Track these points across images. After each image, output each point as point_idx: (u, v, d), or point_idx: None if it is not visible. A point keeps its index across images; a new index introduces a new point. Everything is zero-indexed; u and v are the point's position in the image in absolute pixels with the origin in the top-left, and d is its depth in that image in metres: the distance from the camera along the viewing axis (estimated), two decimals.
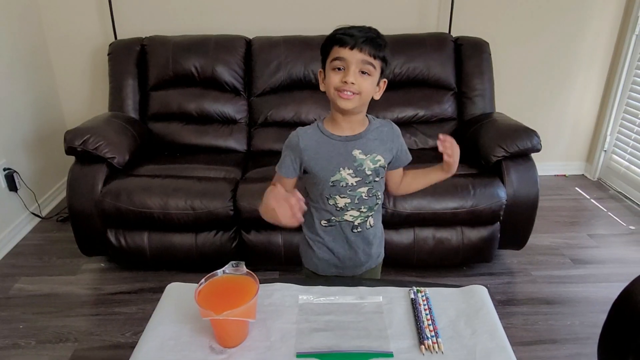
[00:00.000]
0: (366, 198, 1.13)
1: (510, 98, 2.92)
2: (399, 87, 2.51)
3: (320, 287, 1.01)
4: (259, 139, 2.49)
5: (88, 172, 2.03)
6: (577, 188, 3.05)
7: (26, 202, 2.52)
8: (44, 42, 2.74)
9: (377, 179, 1.13)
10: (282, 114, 2.48)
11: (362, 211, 1.14)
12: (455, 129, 2.51)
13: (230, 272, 0.92)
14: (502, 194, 2.02)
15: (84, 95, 2.89)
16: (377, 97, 1.08)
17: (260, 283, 0.89)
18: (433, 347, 0.84)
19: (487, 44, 2.57)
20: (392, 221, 2.00)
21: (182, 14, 2.70)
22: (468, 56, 2.54)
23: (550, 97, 3.04)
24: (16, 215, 2.46)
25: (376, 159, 1.11)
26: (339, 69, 1.03)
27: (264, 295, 0.97)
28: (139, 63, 2.50)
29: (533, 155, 2.12)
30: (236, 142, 2.48)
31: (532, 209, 2.07)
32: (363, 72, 1.02)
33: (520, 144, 2.05)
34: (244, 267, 0.91)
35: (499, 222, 2.09)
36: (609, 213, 2.72)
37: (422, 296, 0.97)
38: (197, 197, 1.98)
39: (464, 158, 2.25)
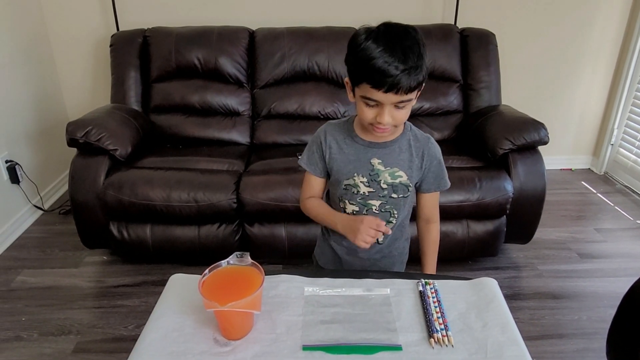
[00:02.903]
0: (377, 212, 1.06)
1: (516, 91, 2.89)
2: None
3: (326, 279, 0.99)
4: (262, 131, 2.47)
5: (90, 164, 2.01)
6: (583, 182, 3.02)
7: (28, 195, 2.51)
8: (46, 34, 2.71)
9: (394, 195, 1.05)
10: (285, 106, 2.45)
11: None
12: (461, 121, 2.48)
13: (235, 262, 0.89)
14: (508, 187, 2.00)
15: (86, 87, 2.87)
16: (414, 101, 0.99)
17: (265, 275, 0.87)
18: (443, 340, 0.82)
19: (494, 35, 2.53)
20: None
21: (185, 5, 2.67)
22: (474, 48, 2.50)
23: (557, 90, 3.01)
24: (18, 207, 2.45)
25: (397, 174, 1.03)
26: (370, 105, 0.93)
27: (269, 287, 0.95)
28: (142, 55, 2.48)
29: (539, 148, 2.09)
30: (239, 135, 2.46)
31: (539, 202, 2.05)
32: (398, 107, 0.92)
33: (528, 136, 2.02)
34: (249, 257, 0.89)
35: (505, 216, 2.06)
36: (616, 207, 2.69)
37: (431, 288, 0.95)
38: (200, 190, 1.96)
39: (470, 151, 2.25)
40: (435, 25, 2.55)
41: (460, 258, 2.16)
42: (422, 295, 0.93)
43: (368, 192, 1.05)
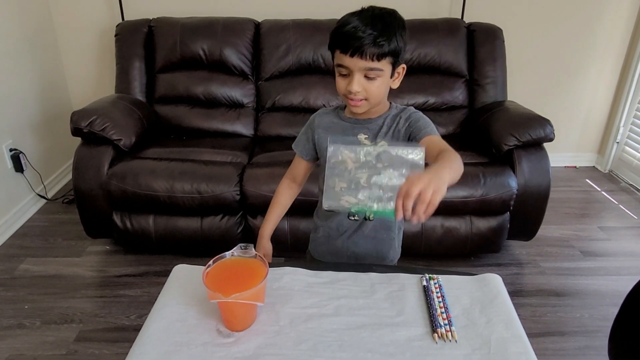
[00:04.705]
0: (365, 185, 1.08)
1: (522, 87, 2.87)
2: (409, 73, 2.39)
3: (330, 272, 0.99)
4: (266, 123, 2.46)
5: (94, 153, 2.01)
6: (587, 180, 3.00)
7: (32, 184, 2.51)
8: (51, 23, 2.70)
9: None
10: (290, 99, 2.44)
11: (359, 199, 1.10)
12: (466, 116, 2.47)
13: (239, 254, 0.89)
14: (512, 183, 1.99)
15: (91, 77, 2.86)
16: (395, 85, 1.02)
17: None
18: (446, 335, 0.82)
19: (501, 30, 2.51)
20: None
21: None
22: (481, 43, 2.48)
23: (563, 87, 2.99)
24: (22, 196, 2.45)
25: (379, 145, 1.05)
26: (343, 73, 0.96)
27: (272, 279, 0.95)
28: (147, 45, 2.47)
29: (545, 145, 2.08)
30: (243, 127, 2.45)
31: (543, 199, 2.04)
32: (369, 77, 0.95)
33: (533, 133, 2.01)
34: (253, 249, 0.89)
35: (508, 212, 2.06)
36: (620, 205, 2.68)
37: (435, 283, 0.95)
38: (204, 181, 1.96)
39: (475, 146, 2.24)
40: (442, 20, 2.53)
41: (462, 254, 2.15)
42: (426, 290, 0.93)
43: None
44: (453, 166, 0.85)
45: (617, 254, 2.24)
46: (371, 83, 0.95)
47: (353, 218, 1.12)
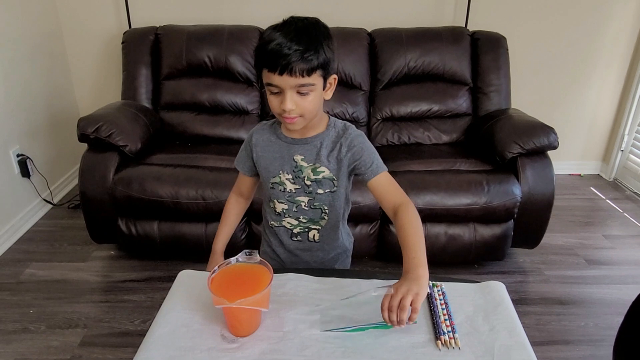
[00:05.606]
0: (306, 209, 1.08)
1: (526, 95, 2.87)
2: (413, 81, 2.48)
3: (333, 278, 0.99)
4: None
5: (100, 159, 2.03)
6: (592, 188, 3.00)
7: (38, 189, 2.53)
8: (59, 30, 2.74)
9: (320, 191, 1.05)
10: None
11: (301, 221, 1.10)
12: (470, 124, 2.47)
13: (244, 260, 0.90)
14: (516, 191, 1.99)
15: (98, 84, 2.89)
16: (328, 96, 0.98)
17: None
18: (450, 342, 0.82)
19: (505, 39, 2.52)
20: None
21: (197, 3, 2.69)
22: (485, 51, 2.49)
23: (567, 95, 2.99)
24: (28, 201, 2.47)
25: (319, 169, 1.03)
26: (274, 92, 0.92)
27: (277, 285, 0.95)
28: (153, 52, 2.49)
29: (549, 153, 2.08)
30: (248, 133, 2.46)
31: (547, 207, 2.04)
32: (301, 93, 0.91)
33: (537, 141, 2.01)
34: (258, 255, 0.90)
35: (512, 220, 2.06)
36: (625, 214, 2.67)
37: (438, 291, 0.95)
38: (208, 187, 1.97)
39: (479, 154, 2.24)
40: (446, 28, 2.55)
41: (466, 262, 2.15)
42: (430, 297, 0.93)
43: (294, 189, 1.06)
44: (422, 245, 0.86)
45: (622, 262, 2.23)
46: (304, 99, 0.92)
47: (296, 239, 1.13)
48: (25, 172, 2.41)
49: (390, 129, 2.46)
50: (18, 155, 2.37)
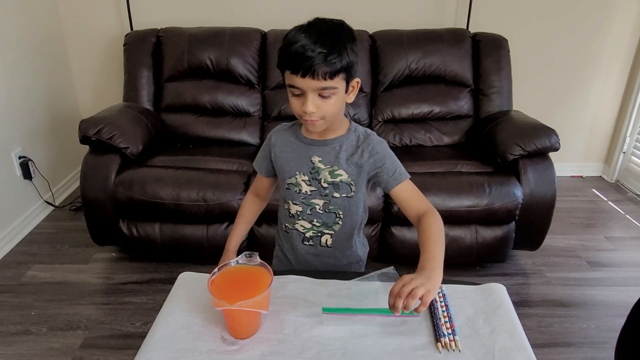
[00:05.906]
0: (321, 212, 1.06)
1: (527, 96, 2.87)
2: (414, 82, 2.48)
3: (335, 280, 0.99)
4: None
5: (102, 161, 2.03)
6: (594, 190, 2.99)
7: (40, 191, 2.54)
8: (61, 32, 2.75)
9: (336, 194, 1.04)
10: None
11: (314, 224, 1.08)
12: (471, 126, 2.47)
13: (244, 262, 0.90)
14: (518, 193, 1.98)
15: (99, 86, 2.90)
16: (350, 100, 0.98)
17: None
18: (450, 345, 0.82)
19: (506, 40, 2.52)
20: (404, 218, 1.97)
21: (198, 5, 2.70)
22: (486, 53, 2.49)
23: (569, 97, 2.99)
24: (30, 203, 2.48)
25: (336, 172, 1.02)
26: (295, 94, 0.92)
27: (277, 287, 0.95)
28: (154, 54, 2.50)
29: (550, 154, 2.08)
30: (249, 135, 2.47)
31: (548, 209, 2.03)
32: (323, 96, 0.91)
33: (538, 143, 2.01)
34: (258, 257, 0.90)
35: (514, 222, 2.05)
36: (627, 216, 2.66)
37: (439, 293, 0.95)
38: (209, 189, 1.97)
39: (480, 156, 2.24)
40: (448, 30, 2.55)
41: (468, 263, 2.15)
42: None
43: (310, 191, 1.05)
44: (442, 250, 0.88)
45: (624, 264, 2.22)
46: (326, 102, 0.91)
47: (308, 243, 1.12)
48: (27, 174, 2.42)
49: (392, 130, 2.46)
50: (20, 157, 2.38)
